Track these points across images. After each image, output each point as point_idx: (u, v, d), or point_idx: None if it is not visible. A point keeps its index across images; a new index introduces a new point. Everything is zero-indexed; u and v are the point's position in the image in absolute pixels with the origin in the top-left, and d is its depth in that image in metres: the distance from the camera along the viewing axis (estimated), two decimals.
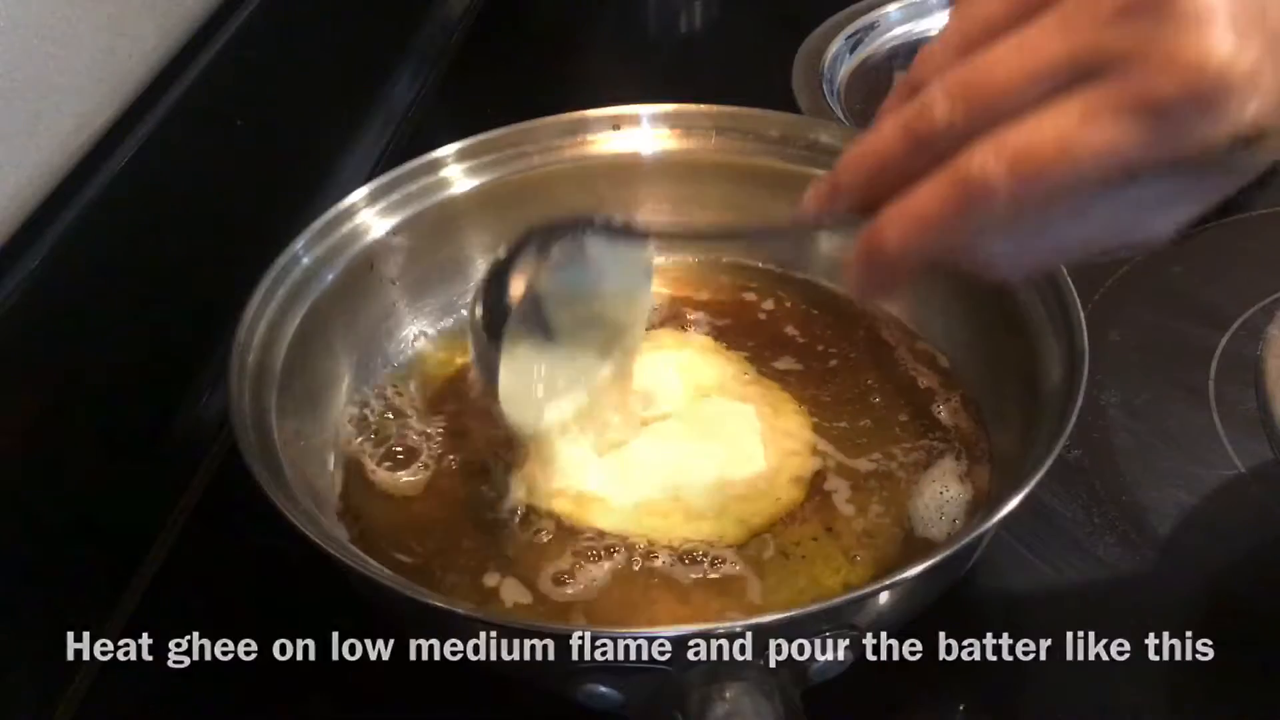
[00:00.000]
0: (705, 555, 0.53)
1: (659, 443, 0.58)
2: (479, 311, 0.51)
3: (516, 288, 0.50)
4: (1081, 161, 0.32)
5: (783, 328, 0.65)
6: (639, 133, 0.68)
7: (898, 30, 0.96)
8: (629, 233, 0.53)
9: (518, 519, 0.56)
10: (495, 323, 0.50)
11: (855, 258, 0.38)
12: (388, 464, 0.59)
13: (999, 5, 0.34)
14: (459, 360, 0.65)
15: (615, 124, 0.68)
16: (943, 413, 0.59)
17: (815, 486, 0.56)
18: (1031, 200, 0.34)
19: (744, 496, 0.55)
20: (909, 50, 0.95)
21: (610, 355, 0.56)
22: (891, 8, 0.96)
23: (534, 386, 0.54)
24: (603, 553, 0.53)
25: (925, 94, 0.35)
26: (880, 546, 0.53)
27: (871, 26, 0.95)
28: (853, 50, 0.93)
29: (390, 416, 0.61)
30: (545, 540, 0.54)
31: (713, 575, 0.52)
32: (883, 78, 0.92)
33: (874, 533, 0.54)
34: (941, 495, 0.55)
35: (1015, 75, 0.33)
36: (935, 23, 0.96)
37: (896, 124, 0.36)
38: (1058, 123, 0.32)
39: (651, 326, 0.66)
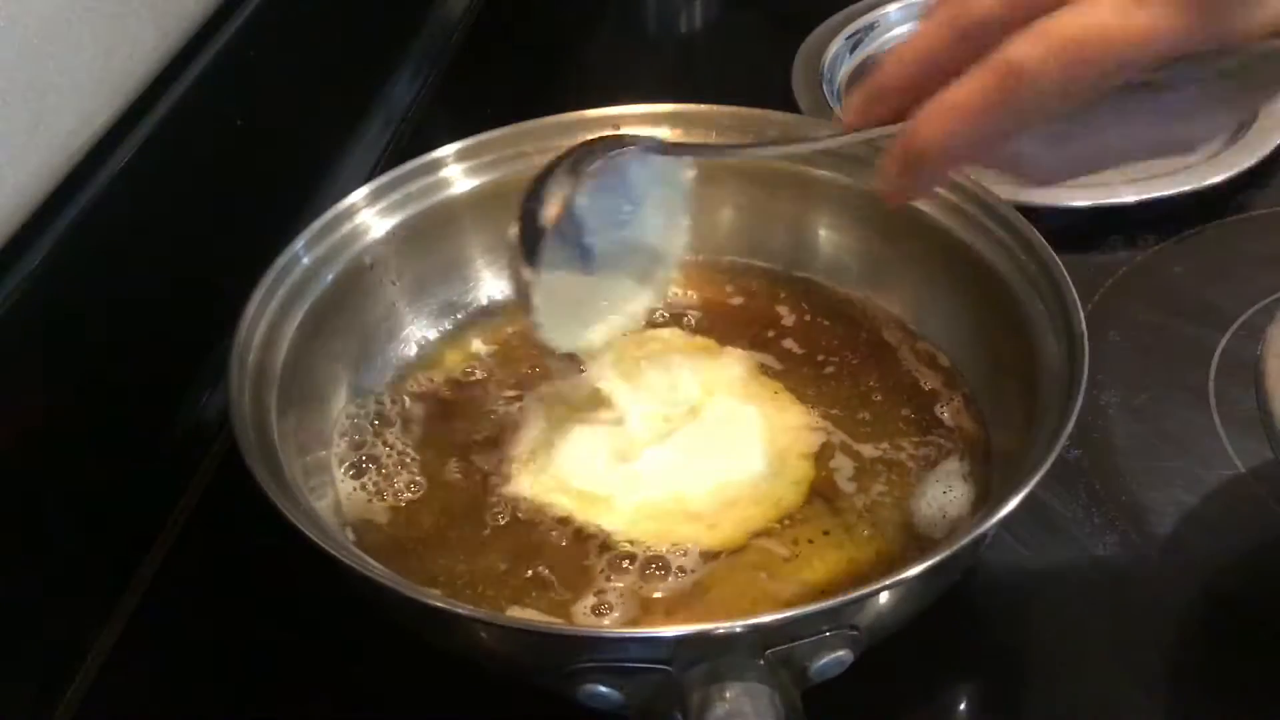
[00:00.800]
0: (706, 556, 0.53)
1: (663, 444, 0.58)
2: (515, 232, 0.50)
3: (553, 208, 0.50)
4: (1122, 47, 0.32)
5: (784, 328, 0.65)
6: (639, 133, 0.67)
7: (898, 30, 0.95)
8: (667, 151, 0.52)
9: (521, 517, 0.56)
10: (531, 243, 0.50)
11: (891, 155, 0.37)
12: (388, 465, 0.59)
13: None
14: (459, 360, 0.65)
15: (615, 124, 0.67)
16: (945, 413, 0.59)
17: (819, 486, 0.56)
18: (1073, 88, 0.33)
19: (747, 499, 0.55)
20: None
21: (646, 283, 0.56)
22: (891, 8, 0.96)
23: (570, 310, 0.53)
24: (612, 560, 0.53)
25: None
26: (882, 546, 0.54)
27: (871, 26, 0.95)
28: (853, 50, 0.93)
29: (390, 416, 0.61)
30: (549, 540, 0.54)
31: (710, 576, 0.52)
32: None
33: (876, 527, 0.54)
34: (945, 495, 0.55)
35: None
36: None
37: (939, 20, 0.36)
38: (1099, 9, 0.33)
39: (650, 326, 0.66)
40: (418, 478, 0.58)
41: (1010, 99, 0.34)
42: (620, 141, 0.51)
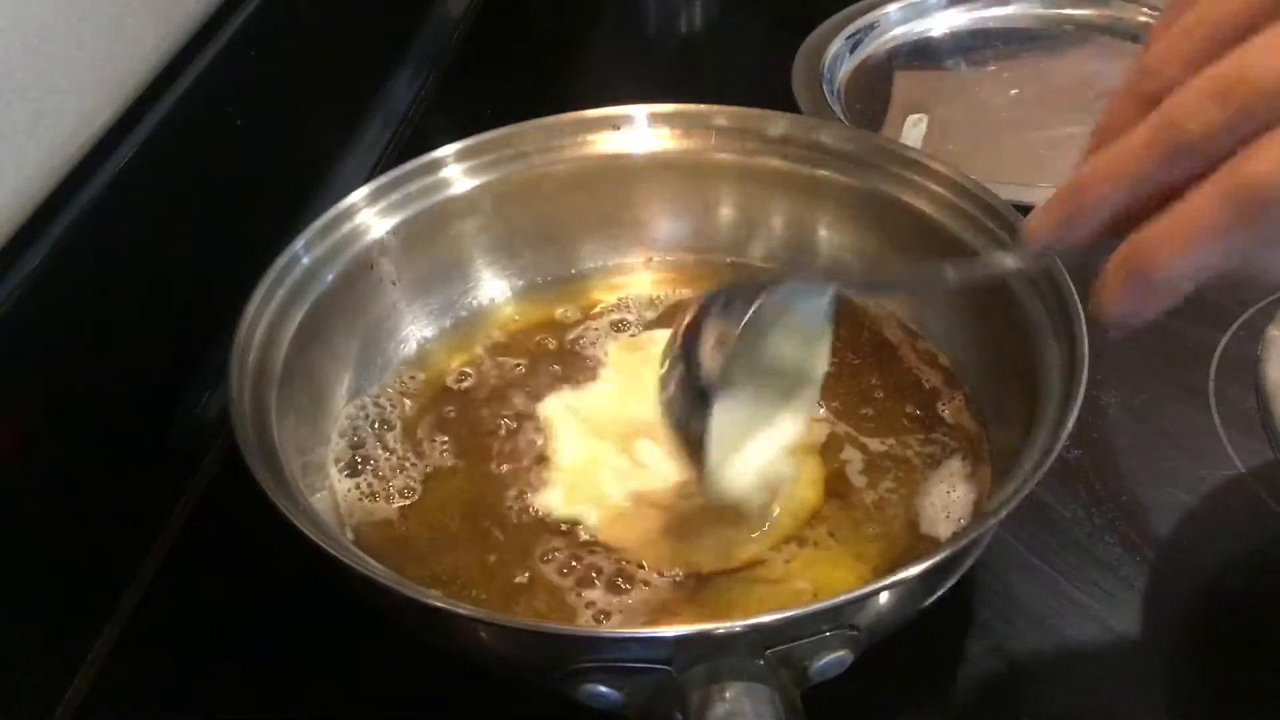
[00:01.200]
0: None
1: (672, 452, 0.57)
2: (673, 385, 0.49)
3: (709, 355, 0.48)
4: None
5: None
6: (639, 133, 0.67)
7: (898, 30, 0.96)
8: (814, 285, 0.51)
9: (522, 520, 0.56)
10: (700, 403, 0.48)
11: (1114, 281, 0.35)
12: (388, 465, 0.59)
13: (1236, 2, 0.33)
14: (459, 360, 0.65)
15: (615, 124, 0.67)
16: (946, 412, 0.59)
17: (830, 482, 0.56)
18: None
19: (775, 510, 0.55)
20: (909, 50, 0.95)
21: (792, 408, 0.53)
22: (891, 8, 0.96)
23: (733, 453, 0.51)
24: (625, 577, 0.53)
25: (1177, 98, 0.33)
26: (886, 546, 0.54)
27: (871, 26, 0.95)
28: (853, 50, 0.93)
29: (390, 417, 0.61)
30: (551, 546, 0.54)
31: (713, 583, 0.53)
32: (883, 78, 0.92)
33: (881, 526, 0.54)
34: (949, 495, 0.55)
35: None
36: (935, 23, 0.97)
37: (1145, 136, 0.34)
38: None
39: (649, 327, 0.66)
40: (417, 478, 0.58)
41: (1255, 218, 0.32)
42: (766, 283, 0.48)
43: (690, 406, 0.49)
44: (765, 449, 0.52)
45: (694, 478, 0.51)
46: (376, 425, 0.61)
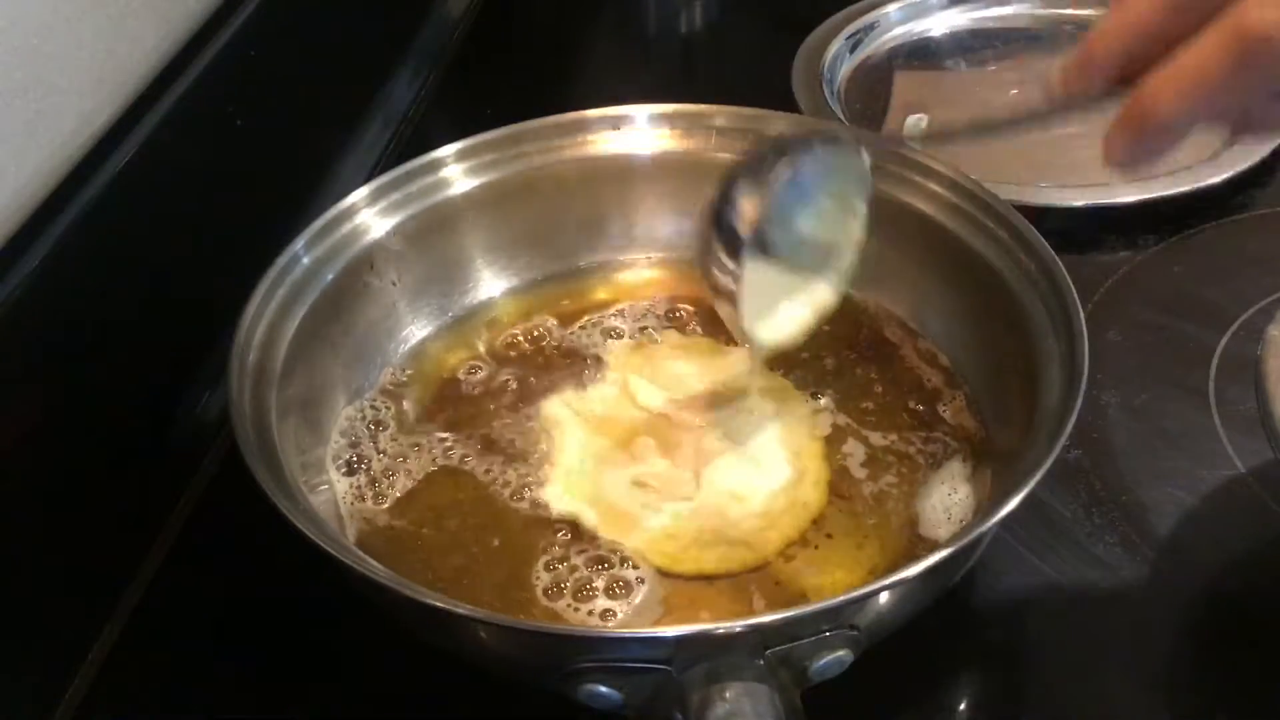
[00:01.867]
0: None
1: (677, 456, 0.58)
2: (716, 235, 0.50)
3: (749, 213, 0.50)
4: None
5: None
6: (639, 133, 0.67)
7: (898, 30, 0.96)
8: (848, 144, 0.52)
9: (523, 521, 0.56)
10: (732, 246, 0.50)
11: (1121, 125, 0.37)
12: (388, 465, 0.59)
13: None
14: (459, 360, 0.65)
15: (615, 124, 0.68)
16: (947, 412, 0.59)
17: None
18: None
19: (779, 510, 0.55)
20: (909, 50, 0.95)
21: (829, 272, 0.55)
22: (891, 8, 0.96)
23: (767, 304, 0.53)
24: (626, 576, 0.53)
25: None
26: (886, 546, 0.54)
27: (871, 26, 0.95)
28: (853, 50, 0.93)
29: (390, 416, 0.61)
30: (552, 546, 0.54)
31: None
32: (883, 78, 0.92)
33: (882, 527, 0.54)
34: (950, 497, 0.55)
35: None
36: (935, 22, 0.97)
37: None
38: None
39: (649, 326, 0.66)
40: (417, 477, 0.58)
41: (1250, 63, 0.34)
42: (803, 138, 0.51)
43: (726, 265, 0.50)
44: (799, 309, 0.54)
45: (714, 477, 0.53)
46: (376, 425, 0.61)
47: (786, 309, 0.55)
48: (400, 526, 0.56)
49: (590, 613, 0.51)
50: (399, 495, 0.57)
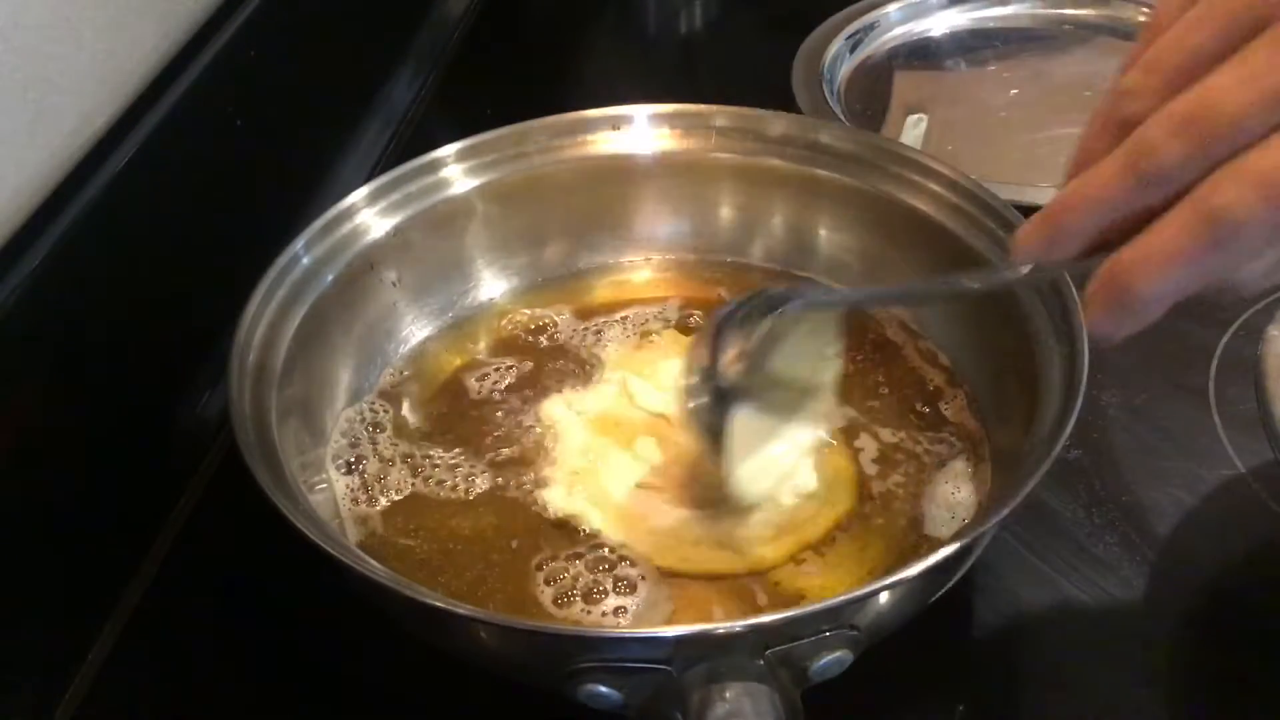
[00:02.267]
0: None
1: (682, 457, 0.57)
2: (696, 394, 0.51)
3: (728, 365, 0.50)
4: None
5: None
6: (639, 133, 0.68)
7: (898, 30, 0.96)
8: (823, 306, 0.54)
9: (524, 522, 0.56)
10: (718, 402, 0.51)
11: (1098, 301, 0.37)
12: (388, 465, 0.59)
13: (1206, 31, 0.34)
14: (459, 360, 0.65)
15: (615, 124, 0.68)
16: (948, 412, 0.59)
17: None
18: None
19: (804, 518, 0.55)
20: (909, 50, 0.95)
21: (805, 417, 0.55)
22: (891, 8, 0.96)
23: (749, 454, 0.53)
24: (627, 576, 0.53)
25: (1146, 132, 0.34)
26: (889, 546, 0.53)
27: (871, 26, 0.95)
28: (853, 50, 0.93)
29: (390, 417, 0.61)
30: (565, 552, 0.54)
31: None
32: (883, 78, 0.92)
33: (887, 527, 0.54)
34: (953, 497, 0.55)
35: (1246, 102, 0.33)
36: (935, 22, 0.97)
37: (1118, 166, 0.35)
38: None
39: (649, 326, 0.66)
40: (418, 478, 0.58)
41: (1222, 244, 0.34)
42: (780, 297, 0.51)
43: (712, 413, 0.51)
44: (784, 453, 0.54)
45: (718, 478, 0.53)
46: (376, 425, 0.61)
47: (767, 456, 0.54)
48: (400, 527, 0.56)
49: (592, 613, 0.51)
50: (399, 496, 0.57)
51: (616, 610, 0.51)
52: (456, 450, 0.59)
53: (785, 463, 0.54)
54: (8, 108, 0.53)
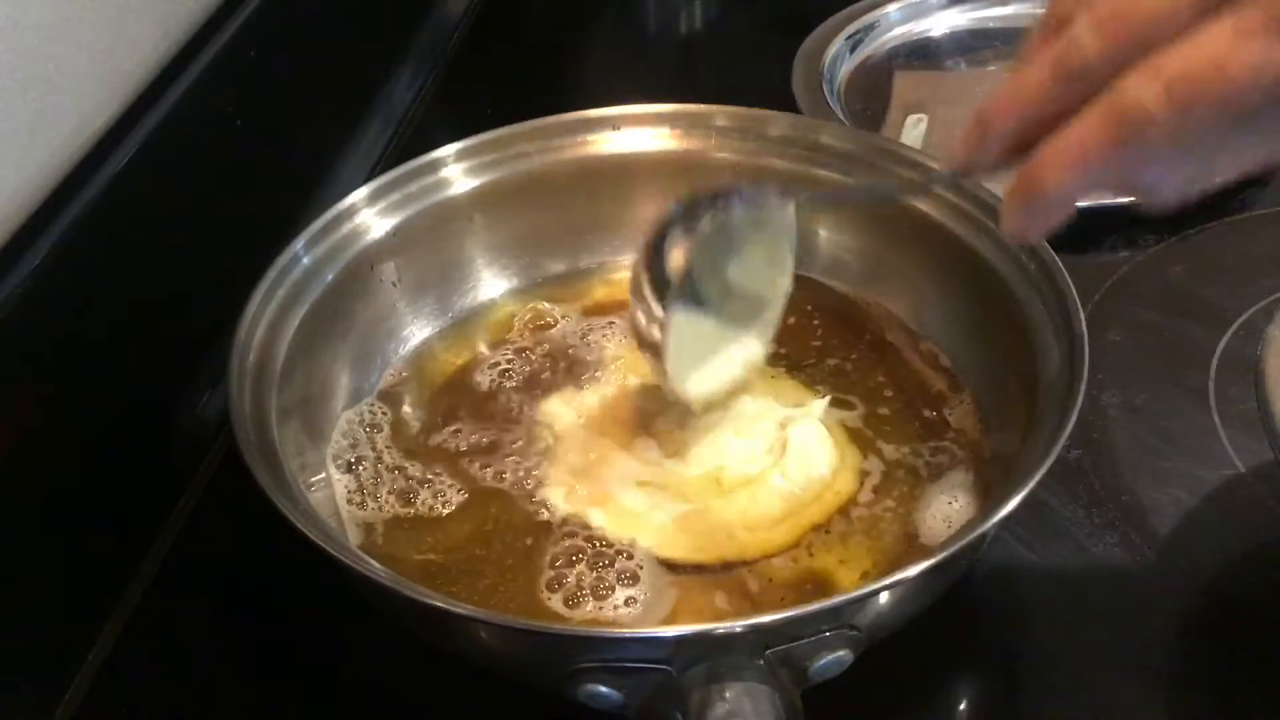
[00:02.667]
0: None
1: (704, 449, 0.57)
2: (645, 283, 0.51)
3: (677, 261, 0.51)
4: (1238, 80, 0.32)
5: (787, 327, 0.65)
6: (639, 133, 0.68)
7: (898, 30, 0.96)
8: (772, 197, 0.53)
9: (524, 521, 0.56)
10: (659, 293, 0.51)
11: (1012, 198, 0.38)
12: (388, 464, 0.59)
13: None
14: (459, 360, 0.65)
15: (615, 124, 0.68)
16: (950, 414, 0.59)
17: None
18: (1191, 123, 0.33)
19: (809, 499, 0.55)
20: (909, 50, 0.95)
21: (754, 327, 0.56)
22: (891, 8, 0.96)
23: (692, 358, 0.54)
24: (627, 575, 0.53)
25: (1072, 29, 0.35)
26: (889, 549, 0.53)
27: (871, 26, 0.95)
28: (853, 50, 0.93)
29: (390, 416, 0.61)
30: (566, 551, 0.54)
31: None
32: (883, 78, 0.92)
33: (886, 530, 0.54)
34: (950, 506, 0.55)
35: (1164, 1, 0.33)
36: (935, 22, 0.97)
37: (1046, 62, 0.36)
38: (1211, 44, 0.32)
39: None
40: (417, 477, 0.58)
41: (1129, 139, 0.34)
42: (729, 190, 0.52)
43: (656, 304, 0.51)
44: (727, 363, 0.56)
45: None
46: (376, 425, 0.61)
47: (713, 362, 0.55)
48: (400, 525, 0.56)
49: (592, 609, 0.51)
50: (399, 494, 0.57)
51: (628, 601, 0.51)
52: (457, 450, 0.59)
53: (729, 369, 0.55)
54: (8, 108, 0.53)
